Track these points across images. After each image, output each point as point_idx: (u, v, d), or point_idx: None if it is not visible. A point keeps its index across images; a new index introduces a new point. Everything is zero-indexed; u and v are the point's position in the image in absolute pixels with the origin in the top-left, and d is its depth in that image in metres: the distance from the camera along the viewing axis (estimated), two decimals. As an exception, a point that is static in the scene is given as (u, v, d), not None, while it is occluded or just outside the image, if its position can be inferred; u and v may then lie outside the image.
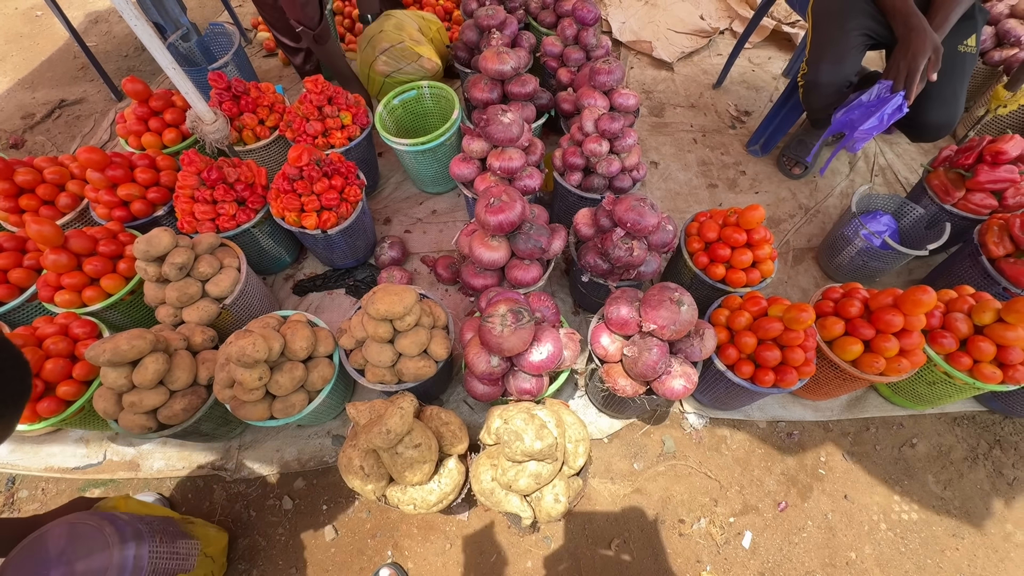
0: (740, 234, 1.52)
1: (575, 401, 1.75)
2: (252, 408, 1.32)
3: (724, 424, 1.72)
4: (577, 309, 1.95)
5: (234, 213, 1.70)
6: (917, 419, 1.73)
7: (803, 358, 1.33)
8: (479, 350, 1.27)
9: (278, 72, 3.02)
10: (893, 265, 1.82)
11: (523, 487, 1.16)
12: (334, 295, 2.00)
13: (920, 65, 1.50)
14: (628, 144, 1.70)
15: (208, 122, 1.80)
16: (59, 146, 2.74)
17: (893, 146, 2.45)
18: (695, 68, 2.91)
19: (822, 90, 1.74)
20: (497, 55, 1.76)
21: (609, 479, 1.63)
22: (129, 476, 1.66)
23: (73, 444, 1.72)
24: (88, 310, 1.55)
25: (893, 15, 1.59)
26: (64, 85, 3.11)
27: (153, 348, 1.30)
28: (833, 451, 1.68)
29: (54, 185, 1.78)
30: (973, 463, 1.65)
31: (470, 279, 1.52)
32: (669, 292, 1.23)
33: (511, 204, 1.37)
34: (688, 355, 1.32)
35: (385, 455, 1.18)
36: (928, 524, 1.55)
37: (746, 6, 3.15)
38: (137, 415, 1.31)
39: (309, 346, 1.37)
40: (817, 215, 2.21)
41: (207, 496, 1.64)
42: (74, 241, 1.52)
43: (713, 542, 1.53)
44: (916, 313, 1.31)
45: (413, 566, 1.50)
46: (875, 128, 1.58)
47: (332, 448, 1.66)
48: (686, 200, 2.29)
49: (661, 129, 2.58)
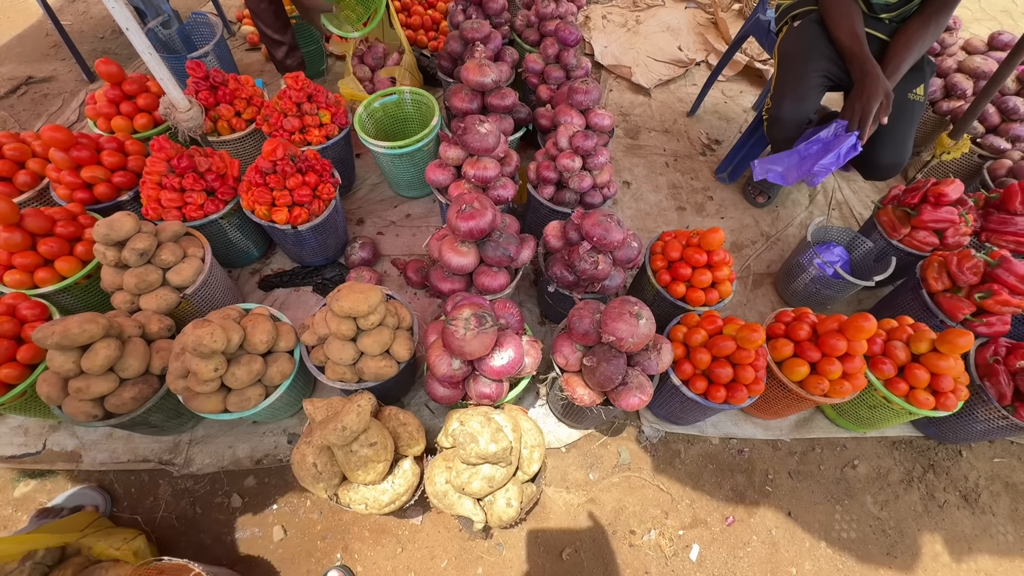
0: (701, 255, 1.59)
1: (536, 410, 1.77)
2: (205, 400, 1.30)
3: (679, 439, 1.77)
4: (543, 319, 1.98)
5: (202, 203, 1.68)
6: (859, 441, 1.81)
7: (753, 376, 1.39)
8: (441, 352, 1.28)
9: (259, 67, 3.00)
10: (843, 294, 1.91)
11: (476, 490, 1.17)
12: (301, 292, 1.98)
13: (873, 108, 1.60)
14: (600, 162, 1.75)
15: (182, 110, 1.78)
16: (22, 123, 2.64)
17: (850, 182, 2.60)
18: (671, 95, 3.03)
19: (784, 124, 1.84)
20: (479, 67, 1.81)
21: (564, 488, 1.65)
22: (69, 467, 1.59)
23: (10, 431, 1.64)
24: (39, 291, 1.50)
25: (851, 60, 1.70)
26: (33, 62, 3.01)
27: (106, 333, 1.26)
28: (780, 469, 1.74)
29: (13, 161, 1.73)
30: (908, 486, 1.74)
31: (438, 283, 1.54)
32: (629, 305, 1.27)
33: (482, 211, 1.40)
34: (645, 368, 1.36)
35: (339, 452, 1.17)
36: (864, 543, 1.62)
37: (722, 41, 3.30)
38: (83, 402, 1.27)
39: (270, 340, 1.36)
40: (777, 243, 2.32)
41: (151, 491, 1.58)
42: (30, 220, 1.47)
43: (662, 554, 1.56)
44: (858, 338, 1.39)
45: (362, 569, 1.48)
46: (833, 164, 1.67)
47: (287, 447, 1.63)
48: (655, 220, 2.37)
49: (635, 151, 2.67)
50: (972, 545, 1.63)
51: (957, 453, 1.82)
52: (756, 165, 1.81)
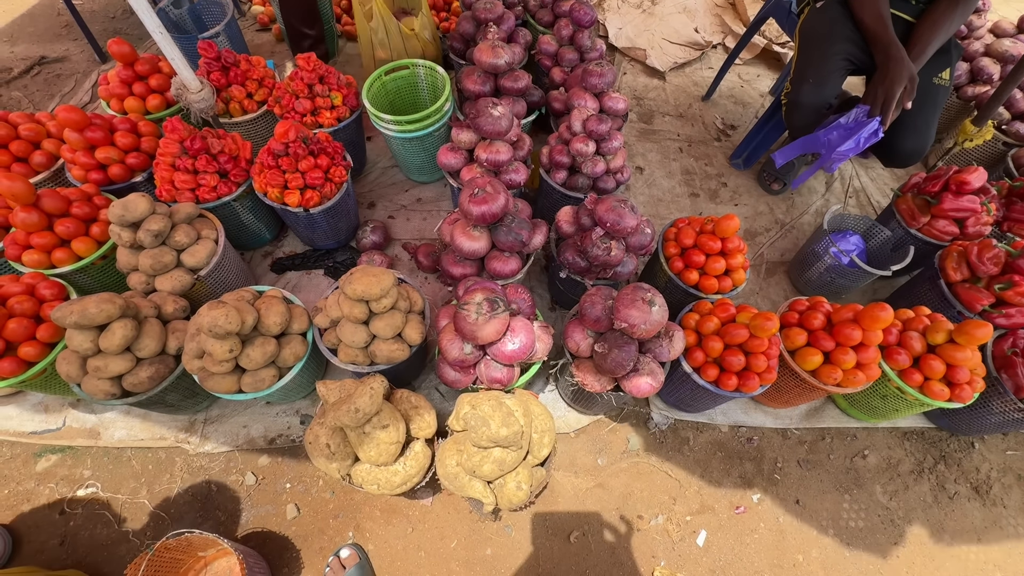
0: (715, 242, 1.57)
1: (545, 395, 1.78)
2: (220, 380, 1.32)
3: (688, 426, 1.77)
4: (554, 305, 1.98)
5: (215, 185, 1.68)
6: (870, 432, 1.80)
7: (766, 365, 1.38)
8: (453, 336, 1.29)
9: (270, 48, 2.98)
10: (859, 283, 1.89)
11: (487, 473, 1.19)
12: (312, 275, 1.99)
13: (896, 93, 1.56)
14: (614, 147, 1.73)
15: (194, 91, 1.78)
16: (36, 104, 2.65)
17: (868, 170, 2.54)
18: (686, 79, 2.97)
19: (803, 110, 1.80)
20: (492, 48, 1.78)
21: (573, 473, 1.66)
22: (89, 444, 1.63)
23: (32, 408, 1.68)
24: (57, 271, 1.52)
25: (874, 43, 1.66)
26: (46, 42, 3.01)
27: (123, 313, 1.28)
28: (789, 458, 1.74)
29: (29, 142, 1.74)
30: (919, 476, 1.73)
31: (450, 267, 1.53)
32: (642, 292, 1.26)
33: (495, 196, 1.39)
34: (656, 355, 1.36)
35: (352, 434, 1.19)
36: (872, 532, 1.62)
37: (740, 23, 3.22)
38: (101, 380, 1.29)
39: (283, 322, 1.37)
40: (792, 231, 2.28)
41: (168, 468, 1.62)
42: (46, 200, 1.48)
43: (669, 539, 1.57)
44: (874, 328, 1.38)
45: (374, 548, 1.51)
46: (851, 150, 1.64)
47: (300, 427, 1.66)
48: (668, 207, 2.34)
49: (649, 136, 2.63)
50: (982, 536, 1.63)
51: (969, 445, 1.80)
52: (778, 156, 1.78)
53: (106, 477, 1.60)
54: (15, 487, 1.58)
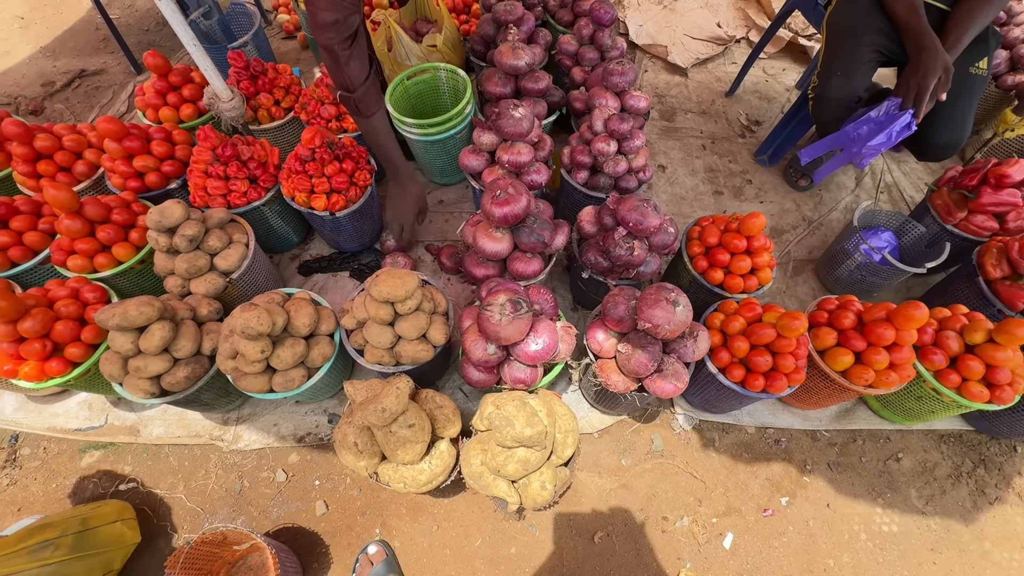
0: (740, 240, 1.55)
1: (568, 395, 1.78)
2: (253, 380, 1.36)
3: (713, 427, 1.75)
4: (576, 305, 1.98)
5: (245, 190, 1.74)
6: (904, 434, 1.75)
7: (794, 365, 1.36)
8: (476, 337, 1.30)
9: (295, 55, 3.05)
10: (891, 281, 1.83)
11: (511, 472, 1.20)
12: (338, 277, 2.04)
13: (930, 84, 1.51)
14: (636, 146, 1.72)
15: (225, 100, 1.83)
16: (77, 115, 2.78)
17: (901, 164, 2.47)
18: (709, 75, 2.93)
19: (831, 104, 1.76)
20: (513, 50, 1.79)
21: (597, 473, 1.66)
22: (129, 441, 1.70)
23: (77, 406, 1.76)
24: (99, 276, 1.59)
25: (906, 33, 1.61)
26: (85, 55, 3.15)
27: (160, 316, 1.33)
28: (819, 460, 1.70)
29: (71, 152, 1.82)
30: (957, 481, 1.67)
31: (472, 269, 1.55)
32: (666, 292, 1.25)
33: (517, 197, 1.40)
34: (681, 355, 1.34)
35: (379, 433, 1.21)
36: (907, 537, 1.58)
37: (764, 16, 3.16)
38: (141, 380, 1.35)
39: (311, 323, 1.41)
40: (820, 228, 2.23)
41: (203, 464, 1.68)
42: (89, 208, 1.55)
43: (695, 541, 1.56)
44: (908, 328, 1.34)
45: (400, 544, 1.54)
46: (883, 144, 1.59)
47: (328, 426, 1.70)
48: (691, 205, 2.31)
49: (671, 133, 2.60)
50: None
51: (1011, 449, 1.73)
52: (803, 154, 1.74)
53: (145, 472, 1.67)
54: (62, 481, 1.66)
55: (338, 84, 1.45)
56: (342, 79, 1.43)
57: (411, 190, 1.78)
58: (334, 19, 1.28)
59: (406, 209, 1.79)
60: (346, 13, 1.29)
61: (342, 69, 1.40)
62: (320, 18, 1.28)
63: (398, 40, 2.08)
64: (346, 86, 1.44)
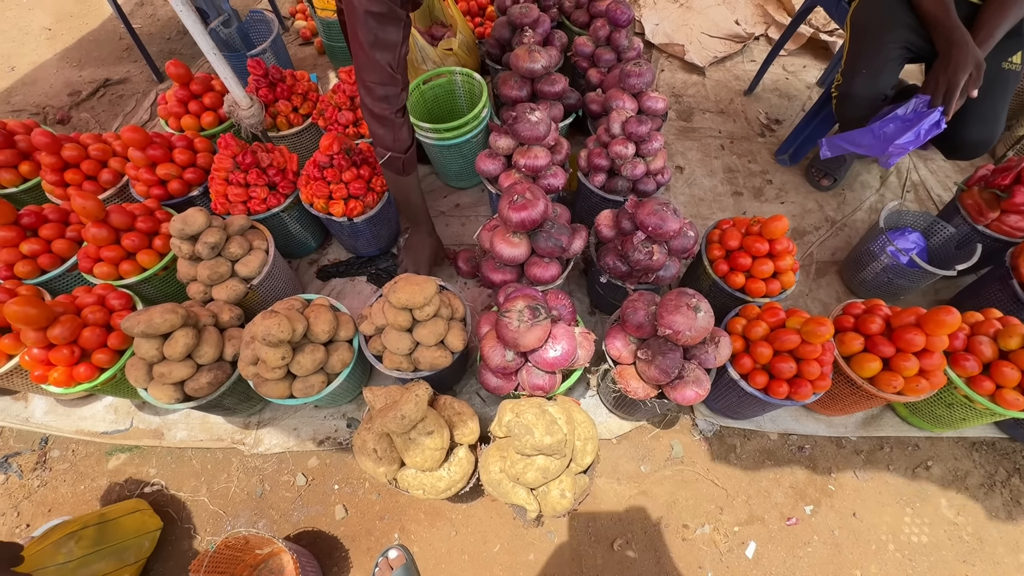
0: (762, 244, 1.52)
1: (586, 401, 1.76)
2: (274, 386, 1.37)
3: (734, 433, 1.72)
4: (593, 309, 1.96)
5: (265, 197, 1.76)
6: (934, 441, 1.70)
7: (819, 372, 1.32)
8: (495, 344, 1.30)
9: (312, 60, 3.08)
10: (919, 284, 1.78)
11: (530, 480, 1.19)
12: (356, 282, 2.05)
13: (960, 81, 1.46)
14: (654, 148, 1.70)
15: (244, 107, 1.86)
16: (102, 124, 2.84)
17: (927, 162, 2.40)
18: (727, 73, 2.88)
19: (856, 102, 1.71)
20: (529, 53, 1.78)
21: (615, 480, 1.64)
22: (153, 444, 1.73)
23: (103, 409, 1.80)
24: (124, 283, 1.62)
25: (935, 28, 1.56)
26: (109, 65, 3.22)
27: (184, 322, 1.36)
28: (844, 468, 1.66)
29: (97, 161, 1.86)
30: (990, 490, 1.62)
31: (489, 273, 1.54)
32: (686, 298, 1.23)
33: (534, 202, 1.39)
34: (702, 362, 1.32)
35: (398, 439, 1.21)
36: (938, 548, 1.53)
37: (784, 12, 3.10)
38: (166, 386, 1.37)
39: (331, 329, 1.42)
40: (843, 229, 2.18)
41: (225, 468, 1.70)
42: (114, 216, 1.58)
43: (716, 549, 1.53)
44: (939, 333, 1.30)
45: (419, 550, 1.54)
46: (911, 143, 1.55)
47: (346, 430, 1.71)
48: (710, 207, 2.28)
49: (688, 134, 2.57)
50: (1064, 556, 1.51)
51: (1048, 457, 1.68)
52: (824, 144, 1.70)
53: (169, 475, 1.70)
54: (90, 483, 1.70)
55: (388, 147, 1.53)
56: (395, 143, 1.52)
57: (430, 242, 1.87)
58: (385, 94, 1.40)
59: (424, 259, 1.88)
60: (398, 88, 1.41)
61: (396, 134, 1.51)
62: (377, 92, 1.39)
63: (414, 44, 2.08)
64: (399, 148, 1.54)
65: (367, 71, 1.35)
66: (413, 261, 1.89)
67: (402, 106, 1.48)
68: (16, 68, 3.28)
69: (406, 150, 1.56)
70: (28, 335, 1.37)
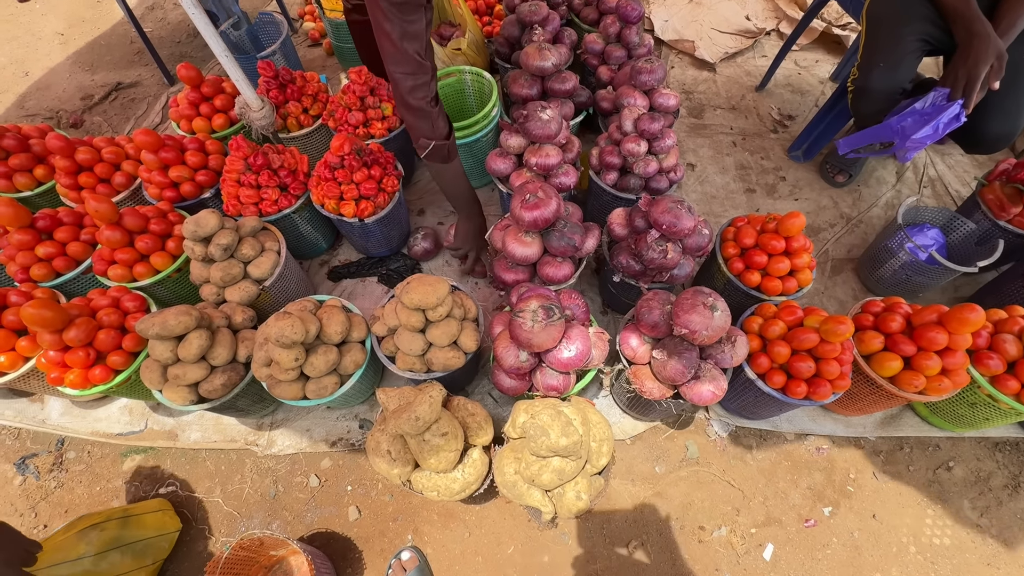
0: (778, 241, 1.49)
1: (599, 400, 1.75)
2: (287, 387, 1.37)
3: (750, 433, 1.69)
4: (606, 308, 1.94)
5: (276, 198, 1.76)
6: (955, 442, 1.67)
7: (838, 371, 1.30)
8: (508, 344, 1.29)
9: (321, 61, 3.09)
10: (939, 281, 1.75)
11: (546, 482, 1.18)
12: (367, 282, 2.05)
13: (981, 73, 1.43)
14: (667, 145, 1.68)
15: (255, 109, 1.86)
16: (114, 127, 2.86)
17: (944, 157, 2.35)
18: (738, 69, 2.85)
19: (873, 96, 1.68)
20: (539, 51, 1.77)
21: (630, 480, 1.62)
22: (168, 445, 1.74)
23: (118, 411, 1.81)
24: (138, 285, 1.63)
25: (954, 19, 1.52)
26: (121, 68, 3.25)
27: (198, 324, 1.36)
28: (863, 468, 1.64)
29: (110, 164, 1.87)
30: (1014, 491, 1.59)
31: (502, 273, 1.53)
32: (703, 297, 1.22)
33: (547, 201, 1.38)
34: (718, 361, 1.30)
35: (412, 441, 1.21)
36: (961, 550, 1.50)
37: (795, 7, 3.06)
38: (180, 388, 1.37)
39: (343, 331, 1.41)
40: (859, 225, 2.14)
41: (239, 469, 1.71)
42: (128, 219, 1.59)
43: (733, 551, 1.51)
44: (962, 332, 1.27)
45: (432, 551, 1.53)
46: (929, 137, 1.52)
47: (359, 431, 1.71)
48: (722, 204, 2.25)
49: (700, 131, 2.54)
50: (1092, 560, 1.47)
51: (1074, 457, 1.64)
52: (842, 143, 1.67)
53: (184, 476, 1.71)
54: (105, 484, 1.72)
55: (429, 136, 1.52)
56: (433, 131, 1.52)
57: (478, 223, 1.86)
58: (416, 83, 1.38)
59: (473, 239, 1.87)
60: (428, 76, 1.40)
61: (433, 123, 1.50)
62: (408, 83, 1.38)
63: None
64: (439, 136, 1.53)
65: (397, 63, 1.34)
66: (464, 243, 1.89)
67: (435, 94, 1.46)
68: (30, 73, 3.32)
69: (447, 136, 1.55)
70: (44, 337, 1.37)
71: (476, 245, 1.89)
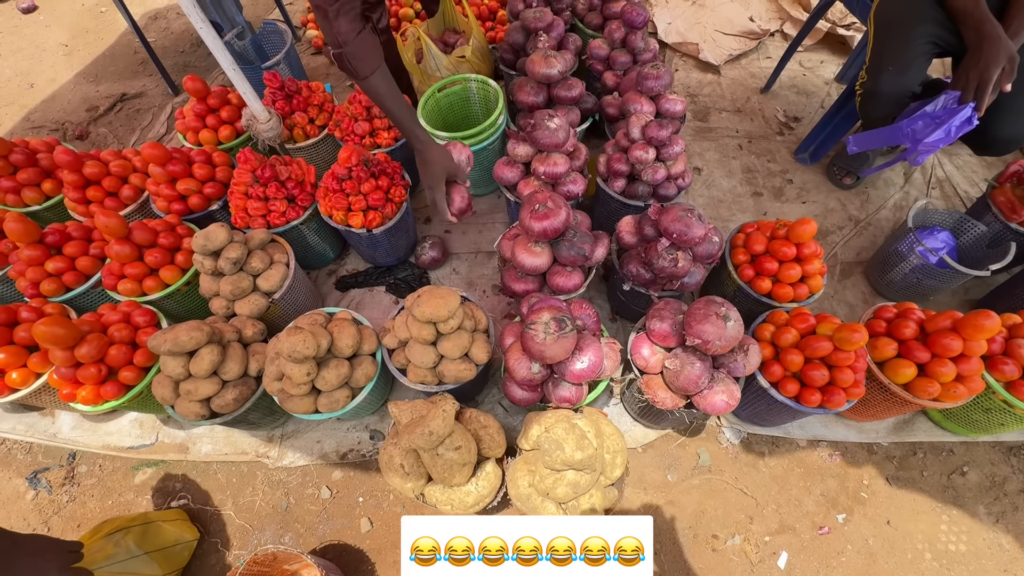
0: (789, 248, 1.49)
1: (610, 409, 1.74)
2: (299, 402, 1.37)
3: (762, 440, 1.68)
4: (615, 316, 1.94)
5: (284, 210, 1.76)
6: (969, 447, 1.66)
7: (852, 379, 1.29)
8: (520, 356, 1.28)
9: (325, 69, 3.09)
10: (949, 284, 1.74)
11: (560, 495, 1.17)
12: (375, 292, 2.05)
13: (993, 75, 1.42)
14: (675, 152, 1.67)
15: (262, 121, 1.86)
16: (120, 138, 2.87)
17: (952, 157, 2.34)
18: (742, 71, 2.84)
19: (882, 100, 1.67)
20: (545, 59, 1.76)
21: (642, 489, 1.62)
22: (179, 458, 1.74)
23: (129, 424, 1.81)
24: (148, 299, 1.63)
25: (964, 21, 1.51)
26: (125, 79, 3.26)
27: (209, 339, 1.36)
28: (876, 475, 1.63)
29: (118, 178, 1.88)
30: (1030, 496, 1.58)
31: (511, 283, 1.53)
32: (716, 307, 1.21)
33: (556, 211, 1.37)
34: (731, 370, 1.30)
35: (426, 455, 1.20)
36: (977, 557, 1.49)
37: (799, 7, 3.05)
38: (192, 403, 1.37)
39: (354, 344, 1.41)
40: (868, 228, 2.13)
41: (250, 481, 1.71)
42: (137, 233, 1.59)
43: (747, 560, 1.51)
44: (977, 338, 1.26)
45: (445, 563, 1.53)
46: (942, 141, 1.50)
47: (370, 442, 1.70)
48: (729, 208, 2.24)
49: (705, 134, 2.53)
50: (1110, 565, 1.46)
51: (1090, 461, 1.62)
52: (852, 141, 1.66)
53: (195, 489, 1.71)
54: (117, 498, 1.72)
55: (329, 41, 1.42)
56: (331, 35, 1.39)
57: (429, 156, 1.60)
58: None
59: (431, 176, 1.62)
60: None
61: (331, 24, 1.36)
62: None
63: (428, 52, 2.07)
64: (336, 42, 1.40)
65: None
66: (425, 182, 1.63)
67: None
68: (35, 85, 3.33)
69: (347, 43, 1.38)
70: (56, 354, 1.38)
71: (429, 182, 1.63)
